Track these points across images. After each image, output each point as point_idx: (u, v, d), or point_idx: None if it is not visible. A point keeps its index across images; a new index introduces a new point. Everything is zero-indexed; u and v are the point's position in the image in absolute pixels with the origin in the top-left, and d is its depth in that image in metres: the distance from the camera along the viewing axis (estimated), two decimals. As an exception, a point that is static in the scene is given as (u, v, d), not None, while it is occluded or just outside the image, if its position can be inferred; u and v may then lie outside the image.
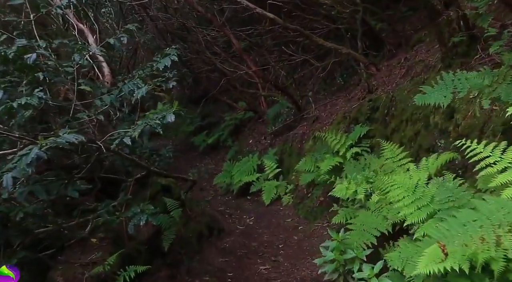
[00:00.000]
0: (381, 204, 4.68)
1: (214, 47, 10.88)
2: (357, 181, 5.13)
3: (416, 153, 5.22)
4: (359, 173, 5.39)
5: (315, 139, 7.95)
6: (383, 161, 5.21)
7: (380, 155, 5.88)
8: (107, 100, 4.03)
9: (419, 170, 4.47)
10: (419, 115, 5.25)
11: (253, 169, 9.10)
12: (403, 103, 5.76)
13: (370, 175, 5.13)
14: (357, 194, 4.91)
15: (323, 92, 10.06)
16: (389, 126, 6.04)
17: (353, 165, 5.94)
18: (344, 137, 6.65)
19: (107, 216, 3.99)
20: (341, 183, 5.25)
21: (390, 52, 8.03)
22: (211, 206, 8.87)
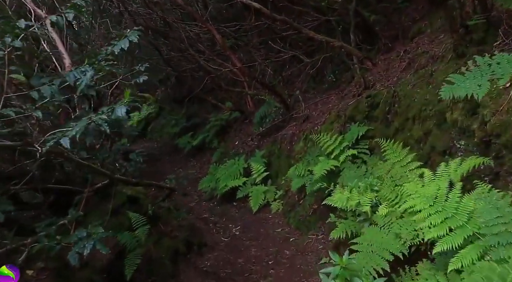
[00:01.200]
0: (390, 218, 3.73)
1: (197, 44, 9.85)
2: (360, 189, 4.17)
3: (427, 156, 4.28)
4: (361, 180, 4.43)
5: (306, 140, 6.99)
6: (389, 165, 4.26)
7: (383, 157, 4.95)
8: (46, 92, 2.99)
9: (438, 177, 3.52)
10: (430, 112, 4.31)
11: (239, 172, 8.10)
12: (408, 99, 4.82)
13: (375, 182, 4.17)
14: (361, 205, 3.94)
15: (312, 91, 9.10)
16: (391, 125, 5.10)
17: (352, 170, 4.99)
18: (340, 138, 5.70)
19: (46, 241, 2.96)
20: (341, 192, 4.28)
21: (385, 46, 7.11)
22: (194, 214, 7.85)
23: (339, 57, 8.32)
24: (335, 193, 4.97)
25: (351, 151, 5.43)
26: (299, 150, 7.10)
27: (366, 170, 4.77)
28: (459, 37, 4.44)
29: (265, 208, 7.34)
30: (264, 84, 8.44)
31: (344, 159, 5.44)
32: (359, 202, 3.98)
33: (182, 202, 9.05)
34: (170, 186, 5.42)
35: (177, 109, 14.10)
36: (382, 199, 3.99)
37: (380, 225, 3.70)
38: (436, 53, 5.08)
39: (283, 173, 7.47)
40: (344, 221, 4.49)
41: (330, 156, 5.63)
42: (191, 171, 11.32)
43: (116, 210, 3.91)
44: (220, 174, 8.42)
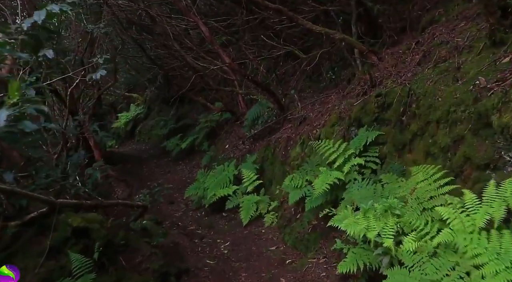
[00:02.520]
0: (420, 255, 2.71)
1: (185, 40, 8.78)
2: (376, 212, 3.14)
3: (458, 169, 3.27)
4: (376, 199, 3.41)
5: (304, 145, 5.97)
6: (413, 182, 3.24)
7: (398, 169, 3.94)
8: None
9: (488, 202, 2.52)
10: (462, 114, 3.30)
11: (229, 180, 7.06)
12: (430, 98, 3.81)
13: (394, 203, 3.15)
14: (380, 237, 2.92)
15: (308, 90, 8.08)
16: (407, 129, 4.09)
17: (363, 187, 3.97)
18: (344, 144, 4.68)
19: None
20: (351, 215, 3.25)
21: (391, 39, 6.10)
22: (179, 226, 6.80)
23: (339, 53, 7.31)
24: (341, 212, 3.97)
25: (358, 160, 4.42)
26: (296, 156, 6.08)
27: (380, 186, 3.74)
28: (496, 21, 3.43)
29: (257, 220, 6.31)
30: (256, 82, 7.41)
31: (349, 169, 4.43)
32: (377, 231, 2.96)
33: (167, 212, 8.03)
34: (142, 203, 4.39)
35: (166, 110, 13.04)
36: (407, 227, 2.97)
37: (407, 265, 2.68)
38: (460, 43, 4.08)
39: (278, 181, 6.45)
40: (354, 249, 3.48)
41: (333, 166, 4.61)
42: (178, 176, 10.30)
43: (57, 248, 2.87)
44: (208, 181, 7.38)
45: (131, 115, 14.03)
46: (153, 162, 11.64)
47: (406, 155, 4.08)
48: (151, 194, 4.52)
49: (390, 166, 4.19)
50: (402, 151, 4.15)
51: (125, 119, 14.10)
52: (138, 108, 14.08)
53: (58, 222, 2.93)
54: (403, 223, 3.01)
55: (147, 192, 4.57)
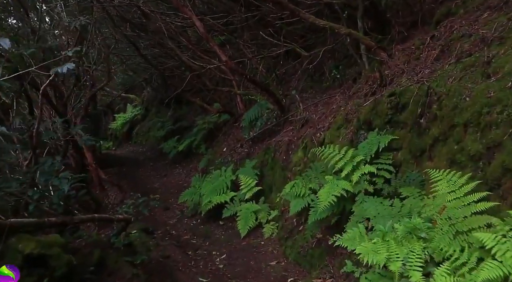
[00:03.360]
0: (458, 293, 2.11)
1: (180, 38, 8.18)
2: (397, 235, 2.55)
3: (494, 181, 2.68)
4: (395, 217, 2.82)
5: (306, 149, 5.38)
6: (441, 198, 2.64)
7: (415, 179, 3.35)
8: None
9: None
10: (498, 116, 2.71)
11: (226, 186, 6.47)
12: (454, 97, 3.22)
13: (419, 223, 2.55)
14: (405, 269, 2.32)
15: (310, 90, 7.49)
16: (427, 133, 3.50)
17: (377, 201, 3.37)
18: (351, 150, 4.08)
19: None
20: (369, 240, 2.66)
21: (400, 35, 5.50)
22: (173, 235, 6.21)
23: (343, 50, 6.73)
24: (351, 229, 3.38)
25: (369, 168, 3.82)
26: (298, 161, 5.49)
27: (399, 201, 3.14)
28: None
29: (256, 231, 5.72)
30: (255, 82, 6.82)
31: (359, 178, 3.83)
32: (400, 260, 2.36)
33: (161, 218, 7.44)
34: (124, 216, 3.80)
35: (163, 111, 12.46)
36: (437, 254, 2.38)
37: (442, 306, 2.09)
38: (488, 35, 3.49)
39: (278, 188, 5.86)
40: (368, 275, 2.89)
41: (340, 174, 4.01)
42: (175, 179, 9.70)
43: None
44: (204, 187, 6.78)
45: (128, 116, 13.44)
46: (149, 164, 11.06)
47: (426, 162, 3.48)
48: (135, 205, 3.93)
49: (407, 175, 3.60)
50: (420, 157, 3.55)
51: (122, 120, 13.51)
52: (135, 109, 13.49)
53: (6, 248, 2.34)
54: (431, 249, 2.41)
55: (131, 203, 3.98)
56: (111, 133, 14.42)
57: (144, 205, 3.95)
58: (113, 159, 11.85)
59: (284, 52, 8.09)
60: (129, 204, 3.97)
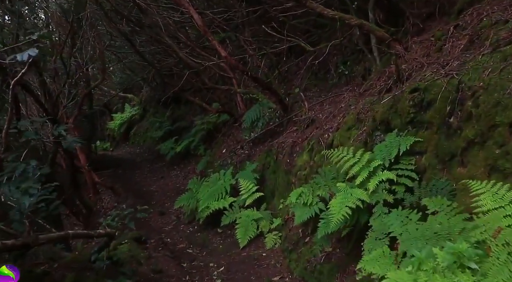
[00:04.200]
0: None
1: (178, 34, 7.61)
2: (439, 265, 1.96)
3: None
4: (430, 240, 2.24)
5: (313, 152, 4.81)
6: (494, 218, 2.06)
7: (449, 190, 2.78)
8: None
9: None
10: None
11: (225, 190, 5.89)
12: (496, 92, 2.65)
13: (468, 251, 1.97)
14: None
15: (314, 89, 6.91)
16: (458, 134, 2.92)
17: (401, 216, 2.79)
18: (367, 154, 3.50)
19: None
20: (403, 270, 2.07)
21: (415, 27, 4.93)
22: (166, 245, 5.63)
23: (350, 46, 6.15)
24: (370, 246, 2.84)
25: (387, 174, 3.24)
26: (303, 165, 4.91)
27: (434, 219, 2.55)
28: None
29: (257, 240, 5.15)
30: (257, 79, 6.25)
31: (376, 186, 3.25)
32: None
33: (156, 225, 6.87)
34: (106, 231, 3.22)
35: (161, 111, 11.87)
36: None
37: None
38: (529, 20, 2.91)
39: (281, 194, 5.29)
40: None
41: (354, 181, 3.44)
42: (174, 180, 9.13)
43: None
44: (202, 191, 6.21)
45: (126, 116, 12.87)
46: (146, 166, 10.48)
47: (457, 169, 2.91)
48: (120, 217, 3.36)
49: (433, 183, 3.02)
50: (449, 163, 2.98)
51: (119, 120, 12.94)
52: (133, 109, 12.92)
53: None
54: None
55: (116, 215, 3.41)
56: (108, 134, 13.84)
57: (130, 217, 3.37)
58: (109, 160, 11.28)
59: (286, 50, 7.52)
60: (113, 216, 3.39)
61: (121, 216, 3.33)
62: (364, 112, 4.24)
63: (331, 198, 3.61)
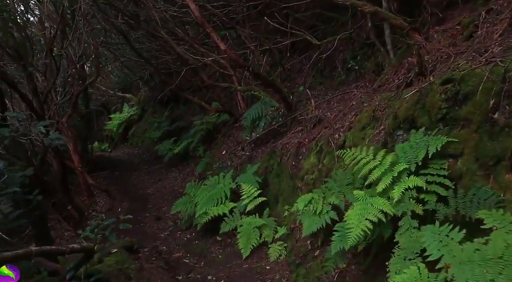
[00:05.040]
0: None
1: (175, 29, 7.04)
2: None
3: None
4: (493, 268, 1.66)
5: (321, 154, 4.24)
6: None
7: (495, 201, 2.21)
8: None
9: None
10: None
11: (225, 195, 5.32)
12: (558, 82, 2.07)
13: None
14: None
15: (320, 87, 6.34)
16: (506, 133, 2.36)
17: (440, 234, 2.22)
18: (391, 156, 2.94)
19: None
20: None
21: (434, 17, 4.38)
22: (160, 255, 5.05)
23: (359, 39, 5.59)
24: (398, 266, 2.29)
25: (415, 180, 2.68)
26: (310, 168, 4.34)
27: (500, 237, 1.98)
28: None
29: (260, 250, 4.57)
30: (259, 75, 5.69)
31: (402, 195, 2.69)
32: None
33: (152, 230, 6.30)
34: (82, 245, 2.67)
35: (160, 111, 11.30)
36: None
37: None
38: None
39: (286, 199, 4.72)
40: None
41: (374, 188, 2.87)
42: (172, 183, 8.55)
43: None
44: (200, 195, 5.63)
45: (124, 116, 12.31)
46: (144, 168, 9.90)
47: (505, 175, 2.35)
48: (100, 228, 2.80)
49: (473, 192, 2.46)
50: (495, 168, 2.42)
51: (117, 120, 12.37)
52: (132, 109, 12.35)
53: None
54: None
55: (95, 225, 2.83)
56: (107, 134, 13.28)
57: (112, 229, 2.80)
58: (106, 161, 10.71)
59: (290, 47, 6.98)
60: (92, 227, 2.83)
61: (102, 227, 2.77)
62: (381, 110, 3.68)
63: (346, 208, 3.05)
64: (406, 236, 2.52)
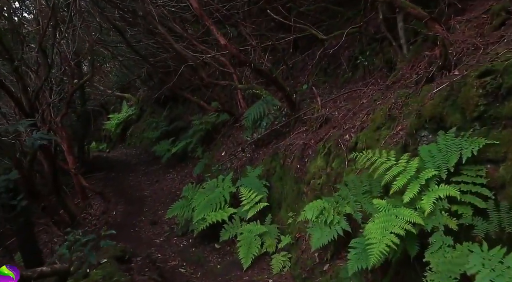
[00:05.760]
0: None
1: (174, 25, 6.57)
2: None
3: None
4: None
5: (330, 156, 3.78)
6: None
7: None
8: None
9: None
10: None
11: (224, 200, 4.85)
12: None
13: None
14: None
15: (324, 85, 5.89)
16: None
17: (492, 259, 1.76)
18: (416, 160, 2.47)
19: None
20: None
21: (452, 7, 3.91)
22: (154, 264, 4.56)
23: (367, 34, 5.13)
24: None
25: (448, 189, 2.23)
26: (317, 171, 3.88)
27: None
28: None
29: (261, 260, 4.11)
30: (261, 71, 5.22)
31: (433, 207, 2.23)
32: None
33: (147, 236, 5.84)
34: (54, 268, 2.22)
35: (159, 111, 10.82)
36: None
37: None
38: None
39: (290, 205, 4.26)
40: None
41: (398, 197, 2.41)
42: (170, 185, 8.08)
43: None
44: (197, 199, 5.16)
45: (122, 116, 11.84)
46: (141, 169, 9.42)
47: (562, 185, 1.88)
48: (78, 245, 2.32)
49: None
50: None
51: (116, 120, 11.90)
52: (130, 109, 11.88)
53: None
54: None
55: (72, 241, 2.36)
56: (105, 134, 12.79)
57: (91, 246, 2.33)
58: (103, 162, 10.23)
59: (292, 44, 6.52)
60: (69, 244, 2.36)
61: (80, 244, 2.30)
62: (398, 108, 3.23)
63: (364, 220, 2.59)
64: (439, 256, 2.07)
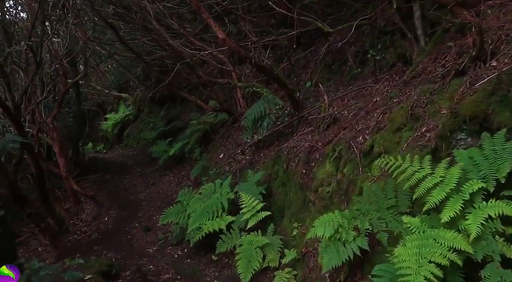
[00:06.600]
0: None
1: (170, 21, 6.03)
2: None
3: None
4: None
5: (341, 161, 3.25)
6: None
7: None
8: None
9: None
10: None
11: (222, 207, 4.31)
12: None
13: None
14: None
15: (328, 84, 5.35)
16: None
17: None
18: (457, 170, 1.94)
19: None
20: None
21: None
22: (145, 276, 4.04)
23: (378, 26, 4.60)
24: None
25: (499, 206, 1.70)
26: (326, 178, 3.35)
27: None
28: None
29: (263, 276, 3.58)
30: (263, 68, 4.68)
31: (481, 229, 1.70)
32: None
33: (139, 244, 5.30)
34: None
35: (156, 111, 10.27)
36: None
37: None
38: None
39: (294, 215, 3.73)
40: None
41: (435, 215, 1.89)
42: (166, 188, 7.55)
43: None
44: (192, 206, 4.62)
45: (119, 117, 11.30)
46: (137, 170, 8.87)
47: None
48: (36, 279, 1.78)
49: None
50: None
51: (113, 121, 11.36)
52: (127, 109, 11.34)
53: None
54: None
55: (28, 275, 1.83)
56: (102, 135, 12.25)
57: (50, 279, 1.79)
58: (98, 163, 9.68)
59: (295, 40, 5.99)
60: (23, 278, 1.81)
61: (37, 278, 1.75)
62: (421, 106, 2.71)
63: (390, 240, 2.07)
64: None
